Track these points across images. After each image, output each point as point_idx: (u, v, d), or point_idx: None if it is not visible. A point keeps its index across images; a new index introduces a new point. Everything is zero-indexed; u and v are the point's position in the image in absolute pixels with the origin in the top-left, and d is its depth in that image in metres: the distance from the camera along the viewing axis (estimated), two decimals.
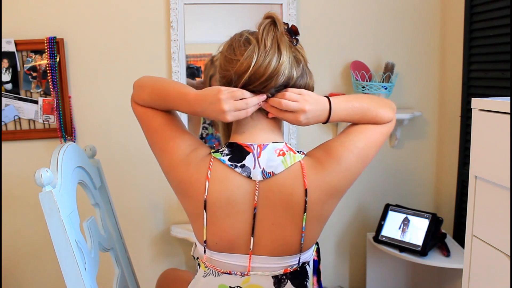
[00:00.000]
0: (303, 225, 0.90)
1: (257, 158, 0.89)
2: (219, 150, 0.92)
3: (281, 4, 1.79)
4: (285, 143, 0.94)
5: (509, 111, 0.88)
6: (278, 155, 0.90)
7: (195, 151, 0.92)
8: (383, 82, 1.77)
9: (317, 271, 1.03)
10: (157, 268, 1.92)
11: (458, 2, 1.79)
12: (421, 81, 1.94)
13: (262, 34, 0.88)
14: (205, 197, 0.88)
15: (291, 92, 0.88)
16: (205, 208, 0.89)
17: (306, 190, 0.88)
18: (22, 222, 1.81)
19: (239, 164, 0.89)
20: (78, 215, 1.03)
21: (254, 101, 0.87)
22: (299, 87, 0.91)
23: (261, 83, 0.87)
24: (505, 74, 1.52)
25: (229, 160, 0.89)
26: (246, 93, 0.86)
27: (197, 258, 1.00)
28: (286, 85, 0.90)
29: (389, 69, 1.77)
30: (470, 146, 1.03)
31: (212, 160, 0.90)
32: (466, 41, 1.73)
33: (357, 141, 0.93)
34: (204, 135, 1.87)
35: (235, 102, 0.85)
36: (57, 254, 0.94)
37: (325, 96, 0.92)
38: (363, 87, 1.77)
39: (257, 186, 0.88)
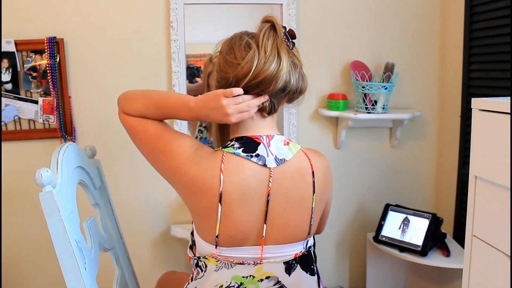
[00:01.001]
0: (313, 206, 0.98)
1: (268, 147, 0.94)
2: (228, 146, 0.95)
3: (281, 4, 1.79)
4: (284, 136, 1.00)
5: (509, 111, 0.88)
6: (284, 144, 0.96)
7: (200, 149, 0.95)
8: (383, 82, 1.77)
9: (313, 254, 1.07)
10: (157, 268, 1.92)
11: (458, 2, 1.79)
12: (421, 81, 1.94)
13: (262, 39, 0.91)
14: (220, 189, 0.90)
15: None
16: (220, 201, 0.91)
17: (313, 172, 0.97)
18: (22, 222, 1.81)
19: (254, 154, 0.93)
20: (78, 215, 1.03)
21: (255, 102, 0.92)
22: (296, 91, 0.97)
23: (260, 87, 0.91)
24: (505, 74, 1.52)
25: (243, 151, 0.93)
26: (245, 97, 0.91)
27: (199, 257, 0.99)
28: (283, 89, 0.95)
29: (389, 69, 1.77)
30: (470, 146, 1.03)
31: (224, 154, 0.93)
32: (466, 41, 1.73)
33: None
34: (198, 138, 1.87)
35: (237, 106, 0.90)
36: (57, 254, 0.94)
37: None
38: (363, 87, 1.77)
39: (272, 173, 0.93)
